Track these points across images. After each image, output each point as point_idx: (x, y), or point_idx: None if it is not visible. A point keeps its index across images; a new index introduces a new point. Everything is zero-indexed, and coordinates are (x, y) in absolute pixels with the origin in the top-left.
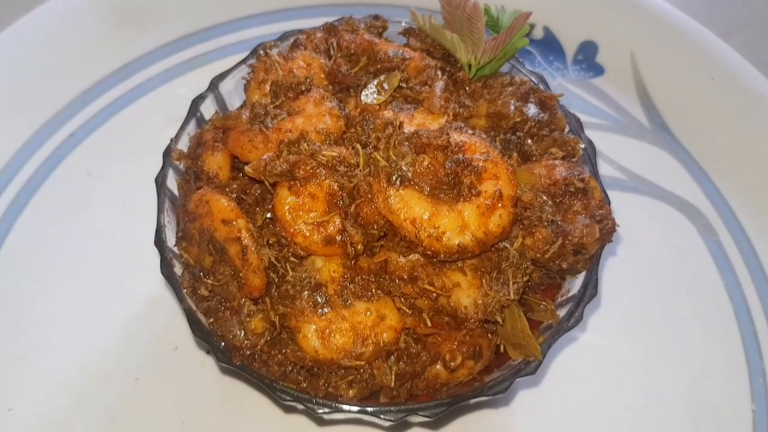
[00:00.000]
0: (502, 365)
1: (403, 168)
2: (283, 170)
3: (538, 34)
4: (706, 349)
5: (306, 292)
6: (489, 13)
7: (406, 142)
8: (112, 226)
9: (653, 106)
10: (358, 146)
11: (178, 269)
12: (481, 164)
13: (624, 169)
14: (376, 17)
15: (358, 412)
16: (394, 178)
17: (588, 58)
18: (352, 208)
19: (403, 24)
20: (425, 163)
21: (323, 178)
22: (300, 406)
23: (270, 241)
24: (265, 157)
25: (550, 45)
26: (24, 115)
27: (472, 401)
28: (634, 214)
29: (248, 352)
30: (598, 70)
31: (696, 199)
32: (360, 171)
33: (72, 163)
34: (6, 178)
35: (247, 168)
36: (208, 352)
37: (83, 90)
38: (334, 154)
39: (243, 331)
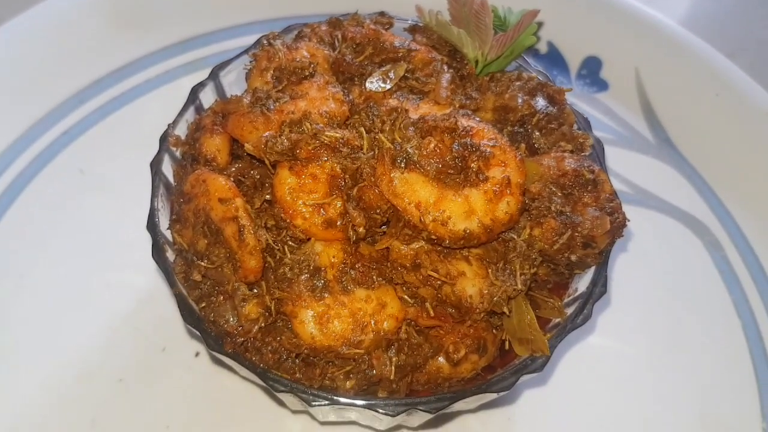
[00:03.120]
0: (506, 365)
1: (409, 150)
2: (284, 148)
3: (542, 48)
4: (715, 365)
5: (304, 276)
6: (496, 14)
7: (412, 127)
8: (102, 224)
9: (657, 121)
10: (362, 129)
11: (170, 256)
12: (489, 150)
13: (629, 183)
14: (382, 14)
15: (355, 405)
16: (398, 161)
17: (592, 74)
18: (355, 191)
19: (409, 21)
20: (431, 145)
21: (325, 159)
22: (294, 407)
23: (268, 225)
24: (267, 134)
25: (554, 60)
26: (18, 111)
27: (475, 400)
28: (639, 228)
29: (241, 340)
30: (602, 86)
31: (702, 214)
32: (364, 154)
33: (65, 160)
34: None
35: (247, 145)
36: (197, 355)
37: (80, 88)
38: (338, 135)
39: (236, 317)
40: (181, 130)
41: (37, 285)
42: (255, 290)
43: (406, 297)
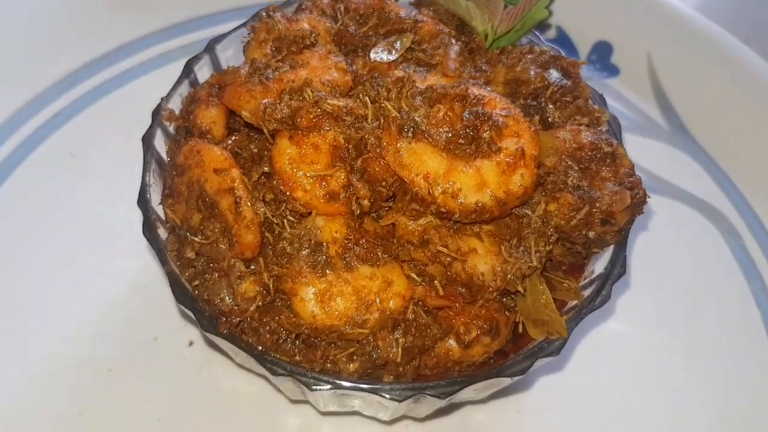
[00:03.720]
0: (520, 350)
1: (416, 119)
2: (284, 116)
3: (551, 34)
4: (734, 354)
5: (305, 252)
6: None
7: (420, 96)
8: (93, 210)
9: (671, 107)
10: (367, 99)
11: (162, 234)
12: (501, 119)
13: (642, 170)
14: None
15: (359, 389)
16: (406, 130)
17: (602, 59)
18: (359, 163)
19: None
20: (440, 114)
21: (328, 128)
22: (294, 396)
23: (266, 198)
24: (266, 101)
25: (564, 45)
26: (8, 93)
27: (486, 386)
28: (654, 215)
29: (237, 320)
30: (613, 71)
31: (718, 201)
32: (368, 123)
33: (54, 143)
34: None
35: (244, 113)
36: (190, 344)
37: (72, 70)
38: (341, 103)
39: (232, 296)
40: (175, 106)
41: (25, 272)
42: (252, 267)
43: (413, 275)
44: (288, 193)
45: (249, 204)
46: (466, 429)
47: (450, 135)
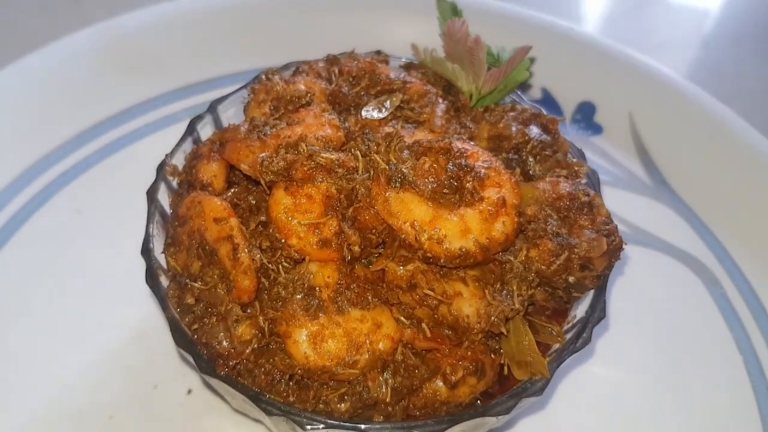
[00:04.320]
0: (505, 393)
1: (404, 170)
2: (280, 168)
3: (536, 94)
4: (717, 399)
5: (298, 296)
6: (490, 52)
7: (407, 150)
8: (97, 263)
9: (653, 163)
10: (358, 153)
11: (164, 282)
12: (483, 171)
13: (627, 222)
14: (378, 52)
15: (349, 428)
16: (394, 180)
17: (586, 118)
18: (350, 212)
19: (403, 59)
20: (426, 165)
21: (321, 180)
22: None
23: (262, 246)
24: (263, 155)
25: (549, 105)
26: (18, 152)
27: (473, 426)
28: (638, 266)
29: (234, 362)
30: (597, 129)
31: (699, 252)
32: (359, 175)
33: (61, 199)
34: None
35: (243, 165)
36: (189, 393)
37: (80, 131)
38: (333, 156)
39: (229, 339)
40: (179, 162)
41: (28, 322)
42: (248, 311)
43: (402, 318)
44: (283, 240)
45: (246, 251)
46: None
47: (435, 185)
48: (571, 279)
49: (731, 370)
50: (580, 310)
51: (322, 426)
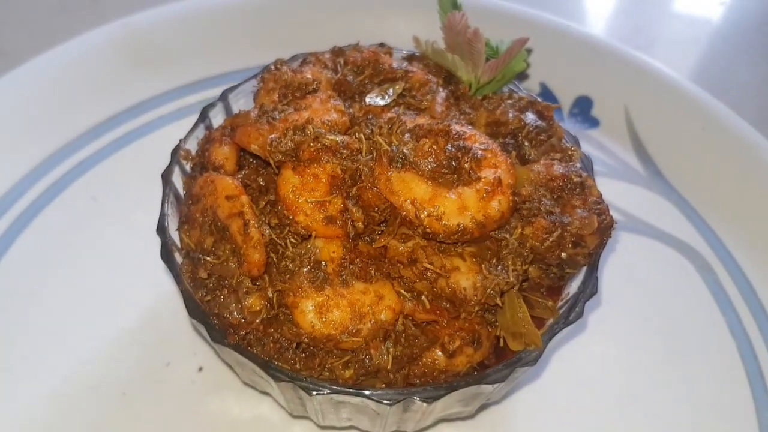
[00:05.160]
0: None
1: (405, 151)
2: (288, 149)
3: (534, 89)
4: (710, 384)
5: (305, 269)
6: (489, 45)
7: (408, 133)
8: (111, 247)
9: (647, 155)
10: (362, 135)
11: (178, 258)
12: (480, 152)
13: (621, 211)
14: (381, 44)
15: (353, 393)
16: (395, 161)
17: (583, 112)
18: (354, 191)
19: (405, 52)
20: (426, 147)
21: (326, 160)
22: (296, 412)
23: (271, 223)
24: (272, 136)
25: (547, 99)
26: (36, 143)
27: (470, 395)
28: (633, 253)
29: (244, 332)
30: (594, 123)
31: (692, 239)
32: (363, 156)
33: (78, 188)
34: (12, 198)
35: (253, 146)
36: (200, 370)
37: (96, 123)
38: (338, 139)
39: (240, 310)
40: (192, 148)
41: (45, 302)
42: (258, 284)
43: (402, 291)
44: (291, 217)
45: (256, 226)
46: None
47: (435, 166)
48: (563, 255)
49: (723, 353)
50: (573, 287)
51: (327, 392)
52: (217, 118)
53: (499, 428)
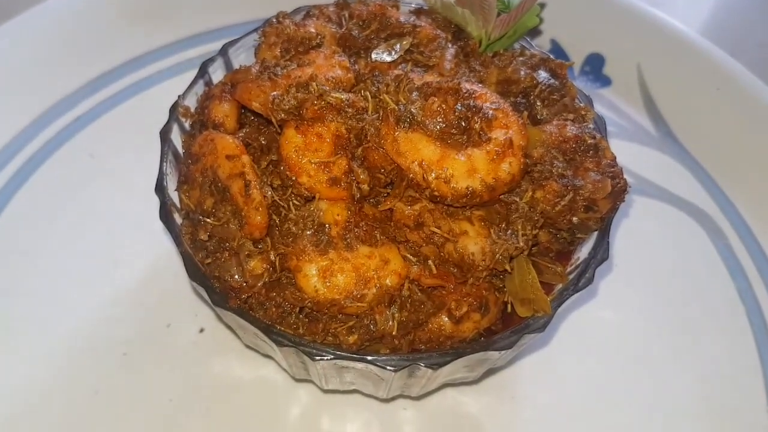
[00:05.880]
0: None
1: (412, 110)
2: (290, 107)
3: (545, 46)
4: (719, 349)
5: (309, 232)
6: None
7: (416, 91)
8: (110, 205)
9: (660, 115)
10: (368, 93)
11: (177, 219)
12: (491, 111)
13: (632, 174)
14: None
15: (357, 359)
16: (402, 121)
17: (595, 70)
18: (359, 151)
19: (413, 5)
20: (435, 106)
21: (331, 119)
22: (298, 375)
23: (273, 184)
24: (274, 93)
25: (558, 57)
26: (32, 99)
27: (477, 361)
28: (643, 216)
29: (246, 295)
30: (605, 81)
31: (704, 203)
32: (368, 115)
33: (75, 144)
34: (8, 154)
35: (254, 103)
36: (201, 331)
37: (93, 78)
38: (343, 96)
39: (241, 273)
40: (191, 105)
41: (45, 261)
42: (260, 246)
43: (408, 255)
44: (294, 178)
45: (258, 187)
46: (459, 414)
47: (443, 125)
48: (575, 220)
49: (733, 319)
50: (583, 253)
51: (330, 357)
52: (217, 74)
53: (504, 394)
